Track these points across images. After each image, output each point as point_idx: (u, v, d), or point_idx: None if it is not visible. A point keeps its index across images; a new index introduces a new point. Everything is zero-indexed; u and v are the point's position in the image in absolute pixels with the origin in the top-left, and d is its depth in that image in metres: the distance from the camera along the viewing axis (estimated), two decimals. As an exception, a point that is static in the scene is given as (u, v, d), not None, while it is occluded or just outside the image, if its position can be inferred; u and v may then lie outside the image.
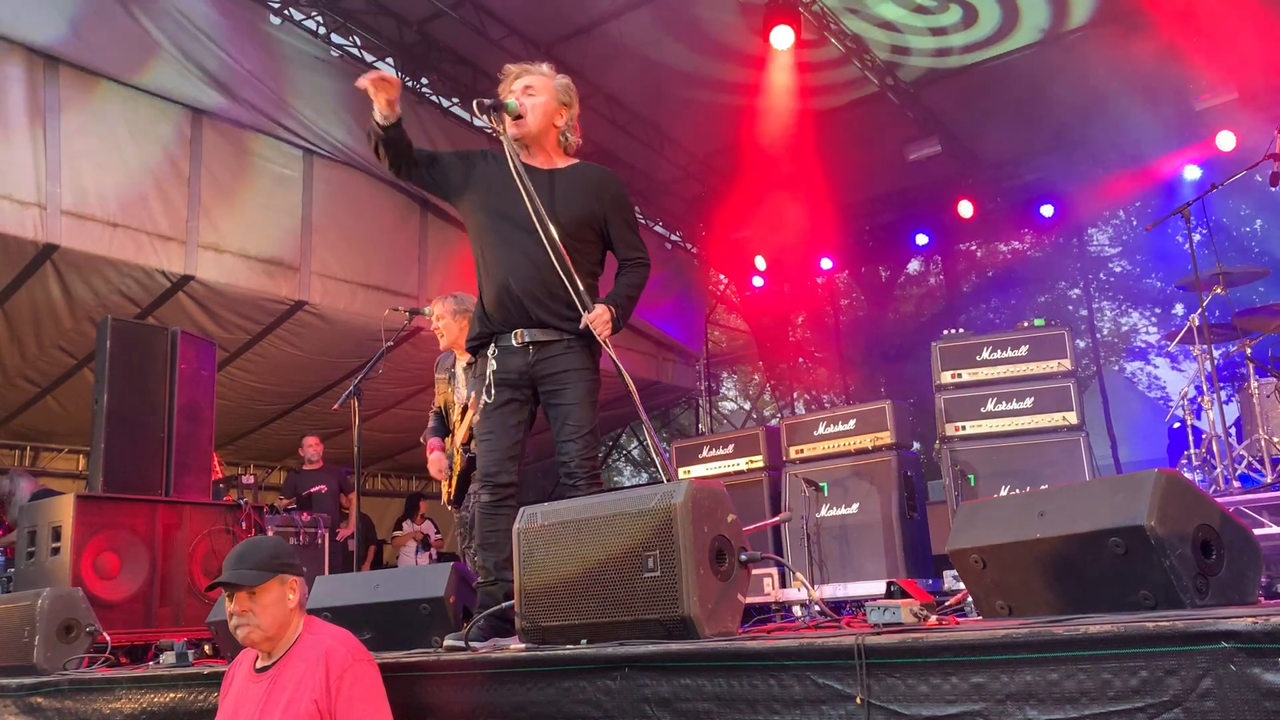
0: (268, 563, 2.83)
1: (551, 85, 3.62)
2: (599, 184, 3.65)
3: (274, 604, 2.81)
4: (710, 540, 2.65)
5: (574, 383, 3.49)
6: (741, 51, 9.20)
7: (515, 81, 3.59)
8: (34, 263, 7.14)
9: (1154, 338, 18.08)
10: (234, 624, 2.81)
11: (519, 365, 3.50)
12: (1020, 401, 6.67)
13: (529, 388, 3.54)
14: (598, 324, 3.39)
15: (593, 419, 3.52)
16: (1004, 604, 2.65)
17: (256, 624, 2.78)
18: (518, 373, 3.50)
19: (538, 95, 3.57)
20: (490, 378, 3.50)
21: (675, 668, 2.44)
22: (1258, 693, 1.78)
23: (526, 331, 3.49)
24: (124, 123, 7.38)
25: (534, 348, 3.49)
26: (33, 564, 5.50)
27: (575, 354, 3.51)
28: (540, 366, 3.49)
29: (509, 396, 3.51)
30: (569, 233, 3.45)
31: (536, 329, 3.48)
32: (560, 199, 3.52)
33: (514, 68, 3.64)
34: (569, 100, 3.66)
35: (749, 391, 20.04)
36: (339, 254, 8.83)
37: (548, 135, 3.61)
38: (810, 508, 7.02)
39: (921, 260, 16.07)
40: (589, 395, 3.51)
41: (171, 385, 6.05)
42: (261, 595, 2.79)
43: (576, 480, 3.46)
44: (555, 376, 3.49)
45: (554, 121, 3.61)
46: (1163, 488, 2.30)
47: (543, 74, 3.62)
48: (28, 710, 3.95)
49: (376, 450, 11.22)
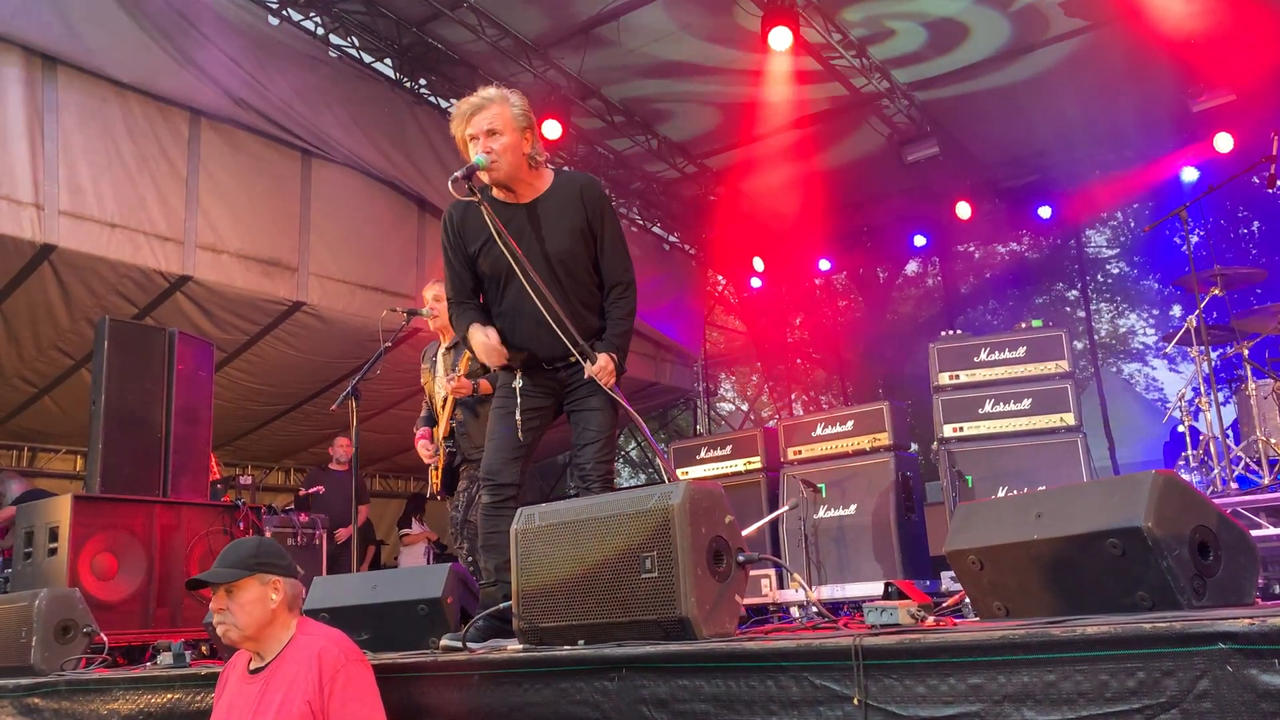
0: (245, 561, 2.83)
1: (510, 116, 3.46)
2: (581, 195, 3.59)
3: (252, 603, 2.80)
4: (708, 541, 2.65)
5: (600, 390, 3.56)
6: (740, 52, 9.20)
7: (472, 124, 3.44)
8: (32, 263, 7.13)
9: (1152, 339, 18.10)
10: (214, 622, 2.84)
11: (549, 386, 3.63)
12: (1018, 403, 6.68)
13: (555, 399, 3.65)
14: (603, 376, 3.48)
15: (613, 426, 3.61)
16: (1001, 605, 2.65)
17: (234, 622, 2.79)
18: (546, 390, 3.63)
19: (502, 136, 3.43)
20: (517, 394, 3.57)
21: (673, 669, 2.44)
22: (1254, 694, 1.78)
23: (556, 363, 3.59)
24: (122, 123, 7.38)
25: (565, 370, 3.60)
26: (30, 564, 5.49)
27: None
28: (571, 380, 3.61)
29: (531, 410, 3.59)
30: (562, 265, 3.52)
31: (560, 361, 3.58)
32: (547, 232, 3.53)
33: (465, 105, 3.47)
34: (529, 123, 3.52)
35: (747, 392, 20.03)
36: (337, 255, 8.83)
37: (519, 169, 3.52)
38: (808, 509, 7.02)
39: (919, 261, 16.06)
40: (612, 403, 3.58)
41: (169, 386, 6.04)
42: (239, 594, 2.79)
43: (590, 483, 3.53)
44: (584, 386, 3.57)
45: (522, 152, 3.49)
46: (1160, 489, 2.31)
47: (498, 105, 3.46)
48: (25, 711, 3.95)
49: (374, 451, 11.21)
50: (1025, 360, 6.74)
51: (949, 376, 6.89)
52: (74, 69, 7.10)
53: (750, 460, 7.91)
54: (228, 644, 2.89)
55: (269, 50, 8.25)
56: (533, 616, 2.85)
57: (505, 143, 3.45)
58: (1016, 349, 6.78)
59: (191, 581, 2.83)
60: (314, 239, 8.64)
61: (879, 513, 6.82)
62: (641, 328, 11.85)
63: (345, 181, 8.92)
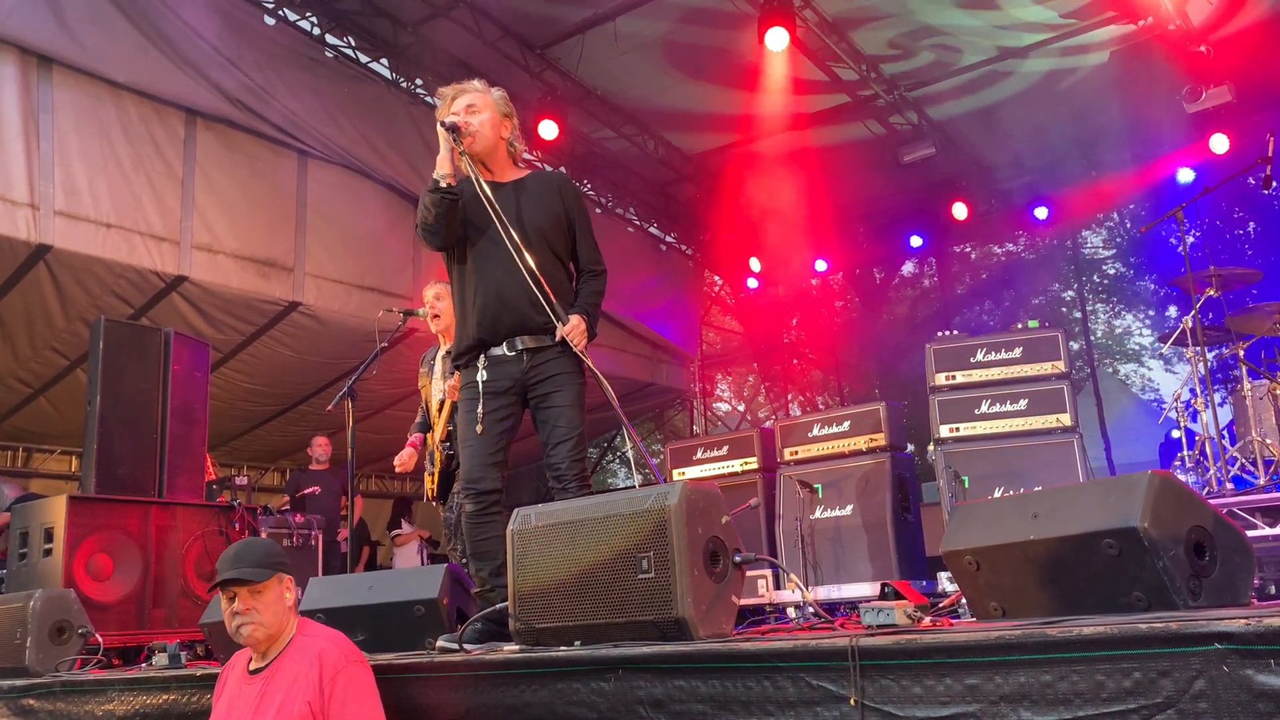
0: (267, 560, 2.84)
1: (490, 99, 3.66)
2: (559, 187, 3.75)
3: (275, 602, 2.82)
4: (705, 542, 2.65)
5: (565, 386, 3.56)
6: (736, 53, 9.20)
7: (454, 103, 3.64)
8: (27, 263, 7.11)
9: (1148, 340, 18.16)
10: (237, 624, 2.79)
11: (512, 373, 3.57)
12: (1014, 403, 6.68)
13: (519, 394, 3.60)
14: (574, 335, 3.52)
15: (582, 422, 3.59)
16: (998, 605, 2.65)
17: (260, 621, 2.78)
18: (510, 379, 3.57)
19: (480, 112, 3.63)
20: (480, 387, 3.55)
21: (670, 669, 2.44)
22: (1250, 694, 1.79)
23: (520, 339, 3.55)
24: (117, 123, 7.37)
25: (527, 354, 3.56)
26: (25, 565, 5.48)
27: (566, 358, 3.59)
28: (533, 373, 3.57)
29: (497, 405, 3.56)
30: (540, 237, 3.57)
31: (529, 336, 3.56)
32: (526, 210, 3.61)
33: (448, 90, 3.69)
34: (509, 111, 3.73)
35: (743, 393, 20.05)
36: (333, 255, 8.82)
37: (498, 149, 3.68)
38: (804, 509, 7.02)
39: (916, 262, 16.10)
40: (578, 398, 3.59)
41: (165, 386, 6.02)
42: (265, 593, 2.80)
43: (566, 483, 3.50)
44: (547, 381, 3.56)
45: (500, 134, 3.67)
46: (1156, 490, 2.31)
47: (478, 90, 3.67)
48: (20, 712, 3.94)
49: (370, 451, 11.18)
50: (1021, 361, 6.74)
51: (945, 377, 6.88)
52: (69, 69, 7.08)
53: (747, 461, 7.90)
54: (248, 644, 2.85)
55: (265, 50, 8.24)
56: (529, 617, 2.85)
57: (485, 118, 3.62)
58: (1013, 349, 6.78)
59: (224, 580, 2.78)
60: (310, 239, 8.63)
61: (875, 513, 6.81)
62: (638, 328, 11.86)
63: (341, 182, 8.91)
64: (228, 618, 2.82)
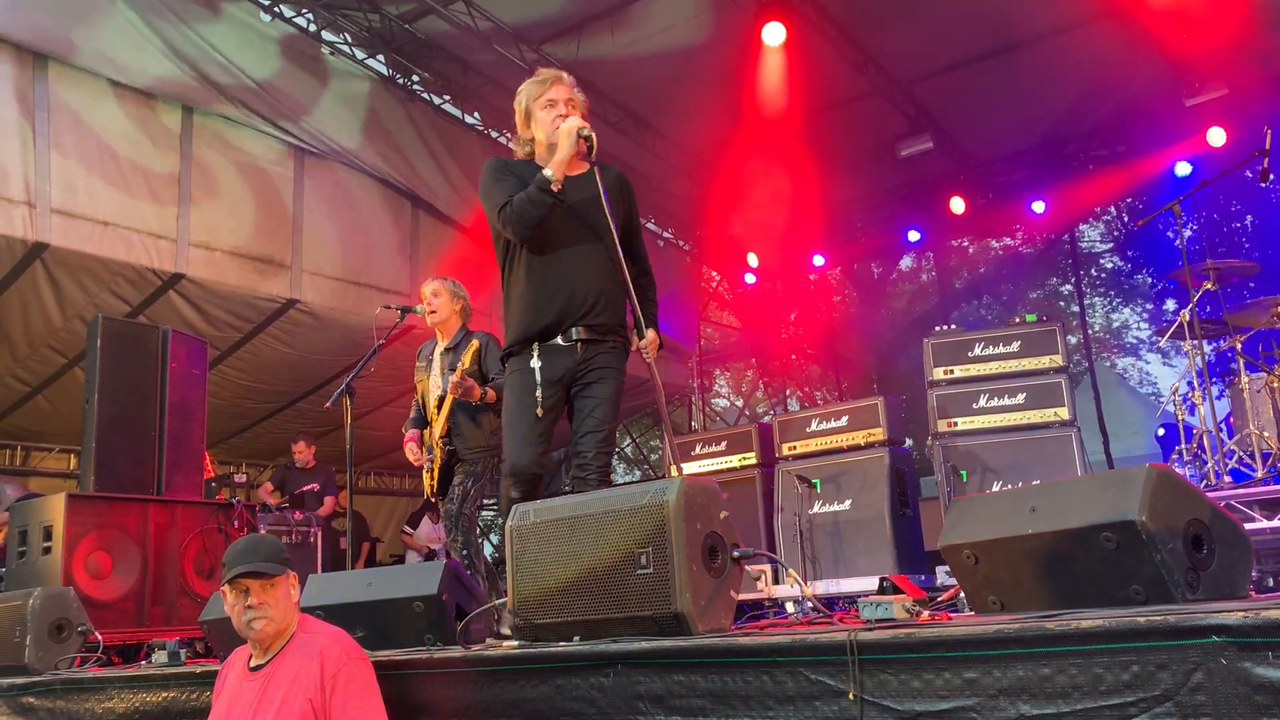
0: (278, 555, 2.86)
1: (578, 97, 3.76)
2: (622, 185, 3.82)
3: (284, 597, 2.84)
4: (703, 537, 2.65)
5: (609, 379, 3.63)
6: (733, 48, 9.18)
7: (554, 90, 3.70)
8: (24, 261, 7.10)
9: (1145, 333, 18.16)
10: (248, 618, 2.78)
11: (566, 364, 3.60)
12: (1012, 397, 6.68)
13: (568, 385, 3.64)
14: (653, 349, 3.64)
15: (615, 418, 3.66)
16: (996, 599, 2.65)
17: (271, 616, 2.79)
18: (564, 369, 3.60)
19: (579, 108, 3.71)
20: (537, 374, 3.56)
21: (669, 664, 2.45)
22: (1249, 686, 1.79)
23: (576, 330, 3.58)
24: (114, 120, 7.35)
25: (583, 346, 3.60)
26: (24, 563, 5.48)
27: (617, 354, 3.69)
28: (584, 364, 3.62)
29: (551, 393, 3.59)
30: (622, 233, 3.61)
31: (587, 328, 3.59)
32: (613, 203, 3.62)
33: (548, 73, 3.76)
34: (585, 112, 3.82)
35: (742, 388, 20.06)
36: (330, 252, 8.81)
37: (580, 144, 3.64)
38: (803, 504, 7.03)
39: (913, 256, 16.12)
40: (617, 394, 3.66)
41: (163, 384, 6.02)
42: (277, 587, 2.82)
43: (589, 473, 3.54)
44: (594, 371, 3.62)
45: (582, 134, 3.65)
46: (1154, 483, 2.31)
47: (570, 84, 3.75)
48: (19, 710, 3.94)
49: (369, 448, 11.20)
50: (1019, 355, 6.74)
51: (943, 371, 6.89)
52: (65, 66, 7.07)
53: (745, 456, 7.90)
54: (257, 639, 2.83)
55: (261, 47, 8.23)
56: (528, 613, 2.85)
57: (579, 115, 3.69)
58: (1010, 344, 6.78)
59: (245, 573, 2.77)
60: (307, 236, 8.61)
61: (874, 508, 6.82)
62: (636, 324, 11.83)
63: (338, 178, 8.90)
64: (237, 613, 2.80)
